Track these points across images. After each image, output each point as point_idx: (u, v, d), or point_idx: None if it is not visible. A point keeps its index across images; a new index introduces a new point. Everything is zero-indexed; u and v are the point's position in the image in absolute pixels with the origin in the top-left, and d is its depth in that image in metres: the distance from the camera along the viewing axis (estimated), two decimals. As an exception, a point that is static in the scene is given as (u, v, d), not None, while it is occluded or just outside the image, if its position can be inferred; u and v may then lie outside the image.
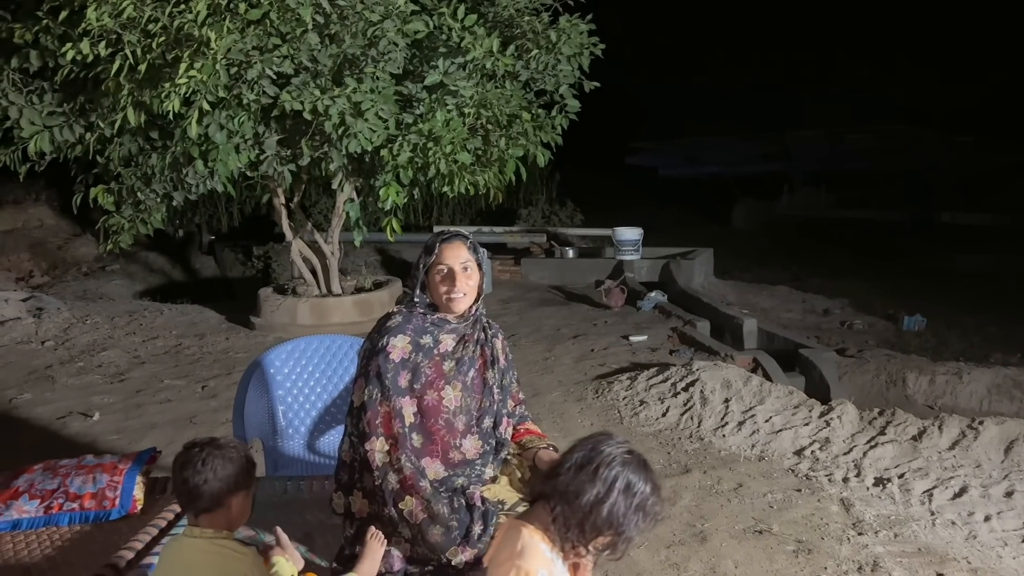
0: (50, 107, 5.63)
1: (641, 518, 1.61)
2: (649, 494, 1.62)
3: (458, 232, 2.37)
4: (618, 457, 1.62)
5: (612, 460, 1.61)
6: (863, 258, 12.40)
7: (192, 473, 1.77)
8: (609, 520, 1.59)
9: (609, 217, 11.39)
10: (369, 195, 6.52)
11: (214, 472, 1.79)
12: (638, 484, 1.60)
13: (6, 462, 3.23)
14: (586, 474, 1.60)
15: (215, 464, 1.79)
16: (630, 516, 1.60)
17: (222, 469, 1.80)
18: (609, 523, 1.59)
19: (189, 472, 1.78)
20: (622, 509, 1.59)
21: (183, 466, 1.79)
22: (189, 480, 1.77)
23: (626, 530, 1.61)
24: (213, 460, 1.79)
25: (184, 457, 1.81)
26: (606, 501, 1.59)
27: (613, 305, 8.05)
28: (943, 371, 6.31)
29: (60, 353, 6.48)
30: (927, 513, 3.64)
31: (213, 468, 1.79)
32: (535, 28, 6.10)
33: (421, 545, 2.20)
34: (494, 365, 2.42)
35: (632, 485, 1.60)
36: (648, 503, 1.62)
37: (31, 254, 11.29)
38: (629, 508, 1.60)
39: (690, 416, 4.82)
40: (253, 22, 5.17)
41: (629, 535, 1.62)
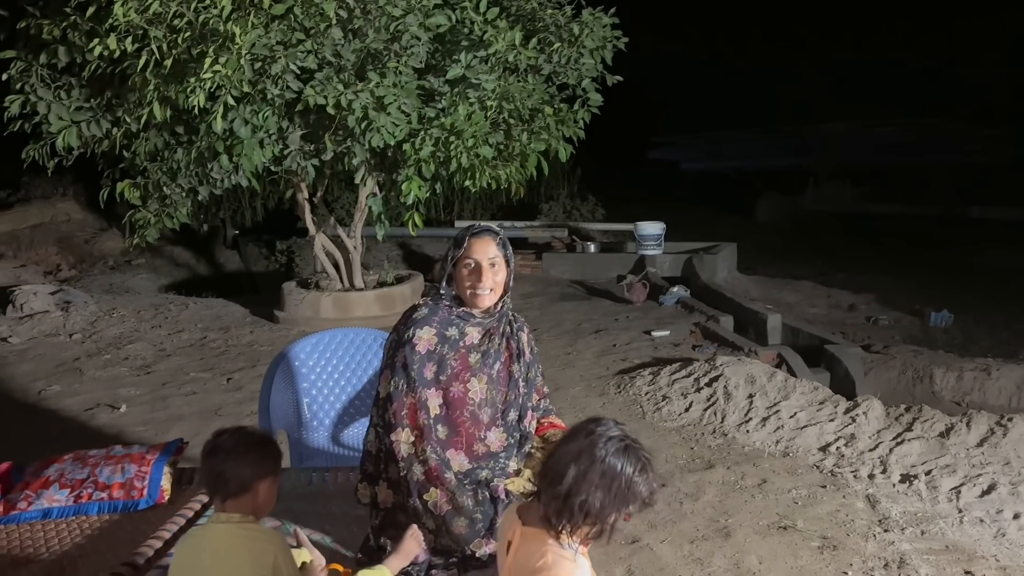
0: (78, 102, 5.69)
1: (618, 503, 1.59)
2: (632, 477, 1.58)
3: (488, 227, 2.36)
4: (601, 440, 1.59)
5: (593, 446, 1.59)
6: (889, 253, 12.26)
7: (221, 458, 1.79)
8: (583, 508, 1.57)
9: (631, 212, 11.33)
10: (391, 189, 6.54)
11: (244, 458, 1.81)
12: (621, 469, 1.58)
13: (36, 452, 3.28)
14: (581, 479, 1.58)
15: (243, 449, 1.81)
16: (604, 503, 1.57)
17: (249, 454, 1.82)
18: (584, 512, 1.58)
19: (218, 457, 1.79)
20: (596, 496, 1.57)
21: (212, 452, 1.81)
22: (217, 465, 1.79)
23: (602, 517, 1.58)
24: (241, 445, 1.82)
25: (213, 443, 1.82)
26: (579, 489, 1.57)
27: (635, 300, 8.02)
28: (971, 367, 6.23)
29: (88, 346, 6.57)
30: (955, 510, 3.60)
31: (244, 454, 1.81)
32: (558, 21, 6.09)
33: (445, 536, 2.21)
34: (520, 358, 2.42)
35: (610, 471, 1.57)
36: (629, 489, 1.58)
37: (59, 248, 11.45)
38: (606, 495, 1.57)
39: (713, 411, 4.80)
40: (277, 17, 5.20)
41: (606, 522, 1.60)
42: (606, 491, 1.57)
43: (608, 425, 1.63)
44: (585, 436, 1.62)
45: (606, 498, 1.57)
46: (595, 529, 1.61)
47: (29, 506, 2.48)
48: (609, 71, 6.38)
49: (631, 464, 1.58)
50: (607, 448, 1.58)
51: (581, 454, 1.59)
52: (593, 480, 1.56)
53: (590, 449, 1.59)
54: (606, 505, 1.57)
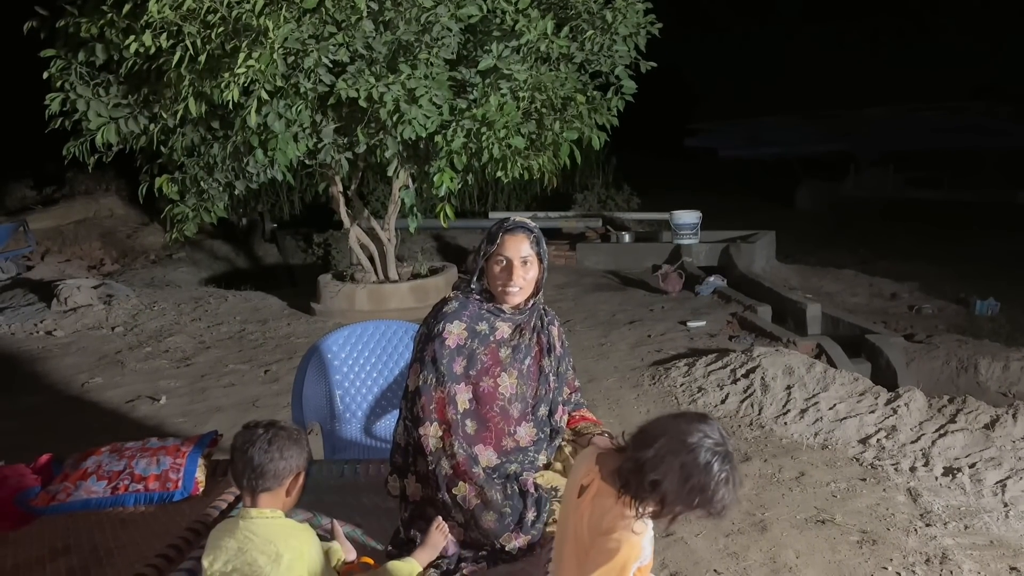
0: (115, 99, 5.78)
1: (692, 502, 1.57)
2: (712, 481, 1.55)
3: (523, 223, 2.31)
4: (702, 437, 1.57)
5: (692, 435, 1.57)
6: (933, 240, 11.98)
7: (257, 451, 1.79)
8: (656, 491, 1.57)
9: (667, 201, 11.23)
10: (424, 182, 6.55)
11: (280, 451, 1.80)
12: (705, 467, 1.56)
13: (79, 443, 3.35)
14: (662, 440, 1.57)
15: (281, 444, 1.81)
16: (679, 497, 1.57)
17: (287, 449, 1.82)
18: (655, 493, 1.57)
19: (255, 450, 1.79)
20: (673, 486, 1.56)
21: (248, 444, 1.80)
22: (255, 458, 1.78)
23: (673, 506, 1.58)
24: (279, 440, 1.81)
25: (248, 436, 1.81)
26: (659, 472, 1.56)
27: (670, 290, 7.94)
28: (1018, 357, 6.06)
29: (129, 339, 6.70)
30: (1000, 504, 3.50)
31: (279, 447, 1.80)
32: (590, 8, 6.02)
33: (474, 530, 2.20)
34: (550, 353, 2.40)
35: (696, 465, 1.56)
36: (704, 491, 1.56)
37: (102, 243, 11.70)
38: (683, 489, 1.56)
39: (750, 403, 4.73)
40: (309, 11, 5.22)
41: (675, 511, 1.59)
42: (682, 482, 1.55)
43: (714, 426, 1.61)
44: (689, 422, 1.60)
45: (679, 489, 1.56)
46: (655, 510, 1.60)
47: (68, 497, 2.53)
48: (643, 57, 6.30)
49: (718, 470, 1.56)
50: (703, 443, 1.56)
51: (677, 435, 1.58)
52: (673, 466, 1.55)
53: (687, 435, 1.57)
54: (675, 495, 1.56)
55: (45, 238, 11.32)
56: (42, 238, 11.18)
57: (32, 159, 12.51)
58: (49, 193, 13.18)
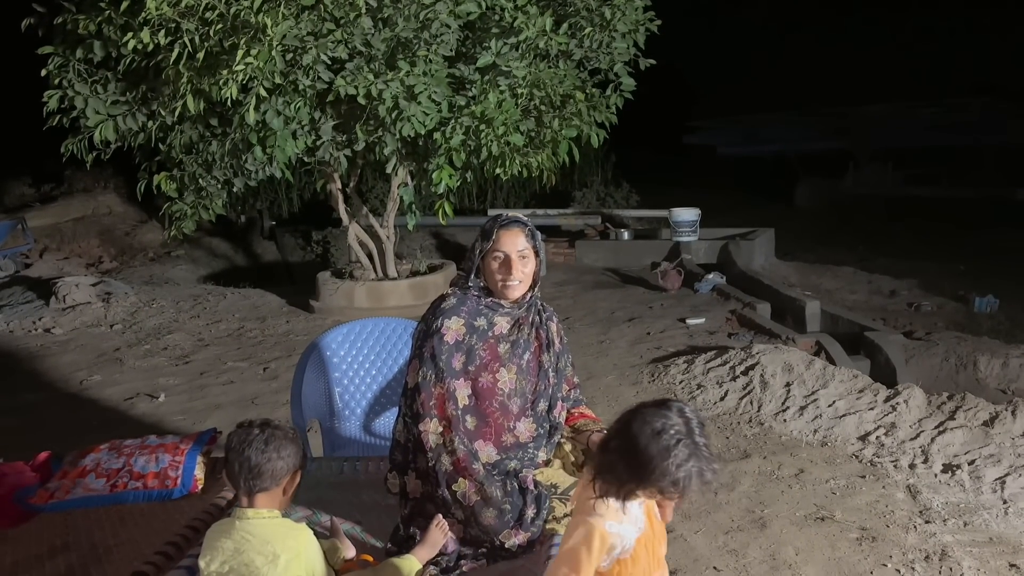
0: (114, 96, 5.77)
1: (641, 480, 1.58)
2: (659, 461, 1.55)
3: (517, 218, 2.32)
4: (672, 432, 1.57)
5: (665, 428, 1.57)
6: (932, 237, 11.98)
7: (254, 451, 1.77)
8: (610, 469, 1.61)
9: (666, 198, 11.23)
10: (423, 179, 6.54)
11: (276, 451, 1.79)
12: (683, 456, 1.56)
13: (79, 441, 3.35)
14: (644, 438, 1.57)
15: (277, 443, 1.80)
16: (627, 474, 1.59)
17: (283, 448, 1.81)
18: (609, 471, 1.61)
19: (251, 451, 1.78)
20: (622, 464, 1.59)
21: (244, 444, 1.79)
22: (252, 458, 1.77)
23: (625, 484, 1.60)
24: (275, 440, 1.80)
25: (243, 436, 1.80)
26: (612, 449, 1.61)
27: (669, 288, 7.94)
28: (1017, 354, 6.06)
29: (128, 336, 6.69)
30: (999, 501, 3.50)
31: (276, 447, 1.79)
32: (589, 5, 6.01)
33: (474, 527, 2.20)
34: (549, 348, 2.40)
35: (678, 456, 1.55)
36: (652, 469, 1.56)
37: (100, 240, 11.69)
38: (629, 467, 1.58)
39: (750, 400, 4.73)
40: (307, 7, 5.21)
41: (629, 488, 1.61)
42: (631, 455, 1.57)
43: (677, 406, 1.60)
44: (656, 404, 1.61)
45: (628, 461, 1.58)
46: (613, 488, 1.61)
47: (67, 495, 2.53)
48: (642, 54, 6.29)
49: (668, 441, 1.55)
50: (656, 417, 1.57)
51: (637, 414, 1.60)
52: (625, 441, 1.58)
53: (646, 413, 1.59)
54: (625, 468, 1.58)
55: (43, 236, 11.31)
56: (40, 236, 11.17)
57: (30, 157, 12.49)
58: (47, 191, 13.17)
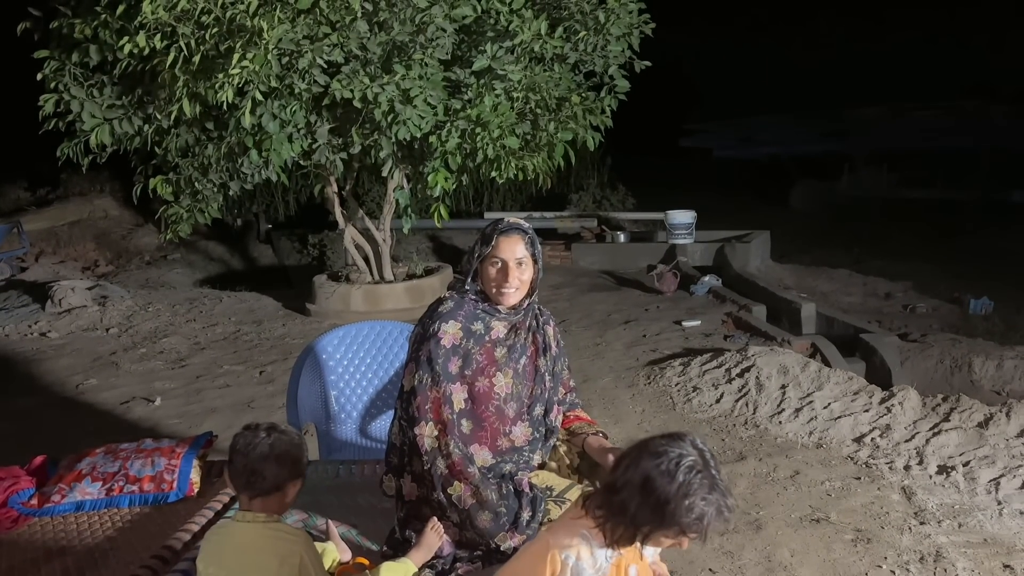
0: (110, 100, 5.77)
1: (700, 527, 1.48)
2: (711, 508, 1.47)
3: (518, 224, 2.30)
4: (683, 465, 1.48)
5: (676, 467, 1.48)
6: (928, 239, 12.02)
7: (258, 456, 1.77)
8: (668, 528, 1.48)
9: (662, 201, 11.25)
10: (419, 182, 6.56)
11: (280, 457, 1.79)
12: (701, 495, 1.47)
13: (74, 445, 3.35)
14: (651, 476, 1.49)
15: (282, 449, 1.80)
16: (687, 524, 1.47)
17: (287, 454, 1.80)
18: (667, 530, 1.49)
19: (255, 455, 1.77)
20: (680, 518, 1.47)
21: (249, 448, 1.78)
22: (254, 462, 1.77)
23: (683, 533, 1.49)
24: (280, 445, 1.80)
25: (249, 439, 1.79)
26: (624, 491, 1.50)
27: (665, 290, 7.95)
28: (1011, 355, 6.08)
29: (124, 340, 6.68)
30: (993, 502, 3.51)
31: (279, 453, 1.79)
32: (583, 9, 6.03)
33: (470, 530, 2.20)
34: (546, 352, 2.40)
35: (695, 496, 1.46)
36: (707, 516, 1.47)
37: (96, 244, 11.68)
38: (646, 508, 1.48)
39: (745, 402, 4.74)
40: (303, 11, 5.22)
41: (645, 531, 1.51)
42: (645, 495, 1.48)
43: (689, 441, 1.52)
44: (666, 438, 1.53)
45: (642, 503, 1.48)
46: (626, 532, 1.52)
47: (63, 499, 2.53)
48: (637, 57, 6.30)
49: (684, 481, 1.46)
50: (671, 454, 1.49)
51: (647, 450, 1.51)
52: (636, 479, 1.49)
53: (657, 449, 1.50)
54: (639, 510, 1.49)
55: (39, 239, 11.30)
56: (36, 239, 11.16)
57: (26, 160, 12.49)
58: (43, 194, 13.16)
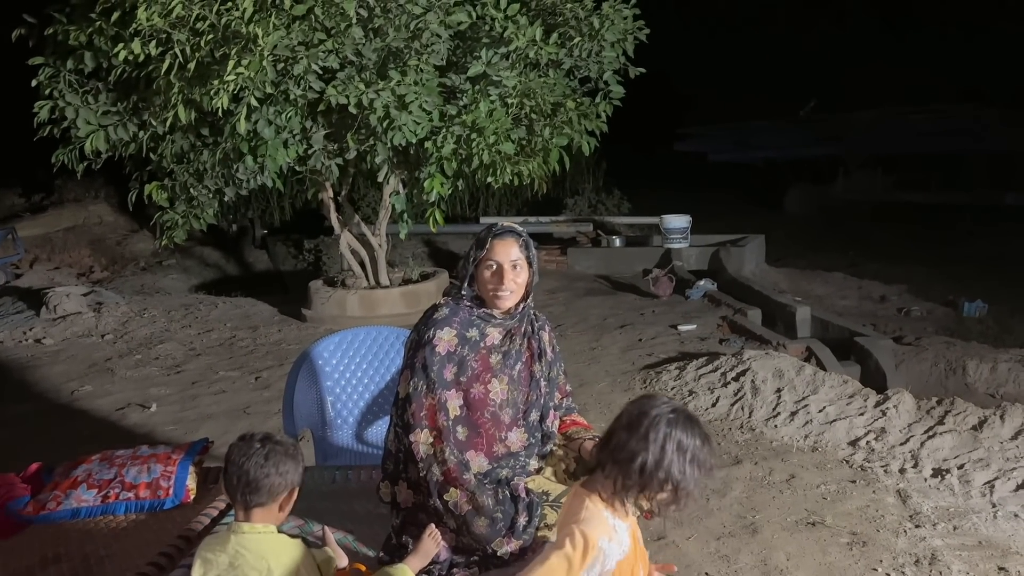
0: (105, 106, 5.78)
1: (695, 471, 1.63)
2: (700, 447, 1.63)
3: (511, 228, 2.32)
4: (664, 416, 1.63)
5: (659, 421, 1.63)
6: (922, 242, 12.05)
7: (253, 466, 1.77)
8: (666, 479, 1.61)
9: (657, 205, 11.27)
10: (414, 187, 6.57)
11: (276, 467, 1.79)
12: (688, 440, 1.62)
13: (70, 452, 3.33)
14: (636, 438, 1.62)
15: (277, 459, 1.80)
16: (686, 471, 1.61)
17: (283, 464, 1.80)
18: (666, 481, 1.61)
19: (251, 465, 1.77)
20: (676, 467, 1.61)
21: (244, 458, 1.78)
22: (250, 472, 1.77)
23: (684, 485, 1.62)
24: (275, 455, 1.80)
25: (244, 450, 1.80)
26: (661, 462, 1.60)
27: (661, 294, 7.97)
28: (1005, 358, 6.10)
29: (119, 346, 6.67)
30: (988, 505, 3.53)
31: (276, 463, 1.79)
32: (578, 15, 6.05)
33: (466, 536, 2.20)
34: (541, 358, 2.40)
35: (683, 443, 1.62)
36: (700, 456, 1.63)
37: (91, 250, 11.65)
38: (684, 464, 1.61)
39: (741, 406, 4.75)
40: (298, 18, 5.24)
41: (688, 489, 1.63)
42: (682, 463, 1.60)
43: (666, 401, 1.66)
44: (646, 414, 1.64)
45: (684, 469, 1.60)
46: (669, 498, 1.64)
47: (58, 506, 2.53)
48: (632, 63, 6.33)
49: (696, 436, 1.62)
50: (674, 424, 1.62)
51: (648, 431, 1.62)
52: (668, 456, 1.60)
53: (657, 426, 1.62)
54: (684, 476, 1.61)
55: (34, 246, 11.27)
56: (31, 246, 11.13)
57: (21, 167, 12.46)
58: (38, 200, 13.13)
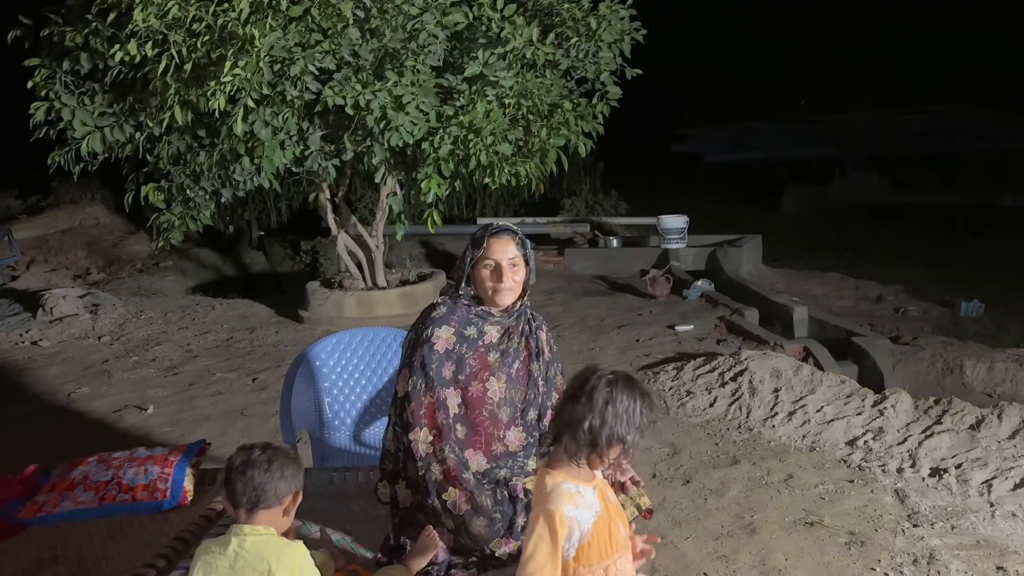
0: (101, 108, 5.76)
1: (635, 425, 1.73)
2: (639, 403, 1.74)
3: (507, 227, 2.35)
4: (604, 379, 1.74)
5: (600, 385, 1.74)
6: (919, 243, 12.08)
7: (259, 471, 1.80)
8: (612, 435, 1.71)
9: (654, 205, 11.27)
10: (412, 188, 6.56)
11: (280, 471, 1.83)
12: (627, 399, 1.73)
13: (66, 454, 3.33)
14: (581, 404, 1.73)
15: (281, 463, 1.83)
16: (628, 426, 1.72)
17: (287, 468, 1.84)
18: (612, 437, 1.71)
19: (255, 471, 1.80)
20: (620, 424, 1.72)
21: (247, 465, 1.81)
22: (255, 478, 1.80)
23: (629, 438, 1.73)
24: (279, 460, 1.84)
25: (246, 457, 1.83)
26: (605, 420, 1.71)
27: (658, 295, 7.97)
28: (1002, 358, 6.11)
29: (116, 348, 6.66)
30: (986, 504, 3.53)
31: (280, 467, 1.83)
32: (574, 15, 6.05)
33: (465, 536, 2.20)
34: (539, 357, 2.41)
35: (623, 401, 1.72)
36: (640, 410, 1.74)
37: (88, 252, 11.62)
38: (626, 420, 1.72)
39: (738, 406, 4.75)
40: (295, 19, 5.23)
41: (633, 442, 1.74)
42: (621, 421, 1.72)
43: (604, 369, 1.78)
44: (586, 382, 1.76)
45: (623, 426, 1.72)
46: (619, 452, 1.75)
47: (55, 508, 2.52)
48: (629, 64, 6.33)
49: (633, 394, 1.74)
50: (612, 385, 1.74)
51: (589, 396, 1.73)
52: (608, 417, 1.71)
53: (595, 390, 1.73)
54: (626, 431, 1.72)
55: (30, 247, 11.24)
56: (27, 248, 11.10)
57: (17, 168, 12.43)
58: (34, 202, 13.10)
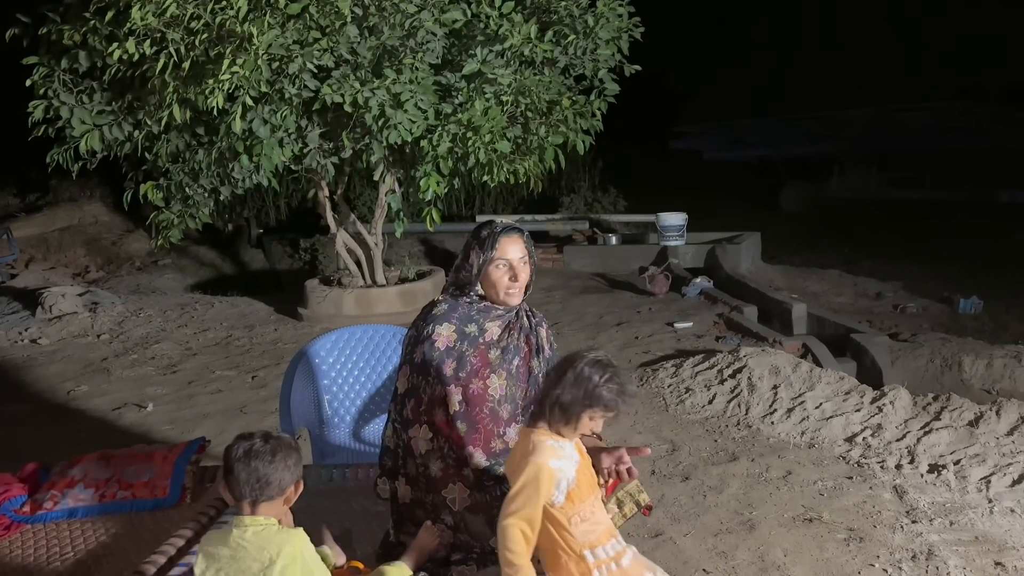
0: (99, 106, 5.76)
1: (597, 397, 1.90)
2: (613, 376, 1.92)
3: (514, 225, 2.33)
4: (582, 359, 1.93)
5: (578, 365, 1.92)
6: (917, 239, 12.08)
7: (262, 462, 1.80)
8: (588, 401, 1.90)
9: (653, 203, 11.28)
10: (410, 186, 6.56)
11: (283, 460, 1.82)
12: (602, 375, 1.91)
13: (66, 452, 3.33)
14: (562, 383, 1.91)
15: (284, 453, 1.83)
16: (587, 398, 1.90)
17: (289, 458, 1.84)
18: (589, 404, 1.90)
19: (259, 462, 1.80)
20: (580, 395, 1.89)
21: (249, 456, 1.81)
22: (259, 468, 1.79)
23: (607, 403, 1.91)
24: (281, 450, 1.83)
25: (247, 447, 1.82)
26: (570, 395, 1.90)
27: (657, 292, 7.97)
28: (1001, 354, 6.12)
29: (115, 346, 6.66)
30: (984, 500, 3.54)
31: (282, 457, 1.83)
32: (572, 13, 6.05)
33: (464, 532, 2.20)
34: (539, 354, 2.41)
35: (597, 374, 1.91)
36: (600, 385, 1.90)
37: (87, 250, 11.62)
38: (584, 392, 1.89)
39: (737, 403, 4.76)
40: (293, 16, 5.23)
41: (613, 408, 1.93)
42: (574, 391, 1.90)
43: (588, 352, 1.97)
44: (568, 361, 1.95)
45: (573, 396, 1.90)
46: (566, 420, 1.92)
47: (55, 506, 2.52)
48: (627, 61, 6.33)
49: (599, 374, 1.91)
50: (582, 361, 1.93)
51: (563, 365, 1.94)
52: (566, 383, 1.91)
53: (569, 362, 1.94)
54: (572, 402, 1.90)
55: (29, 246, 11.24)
56: (26, 246, 11.10)
57: (15, 166, 12.43)
58: (33, 200, 13.09)
